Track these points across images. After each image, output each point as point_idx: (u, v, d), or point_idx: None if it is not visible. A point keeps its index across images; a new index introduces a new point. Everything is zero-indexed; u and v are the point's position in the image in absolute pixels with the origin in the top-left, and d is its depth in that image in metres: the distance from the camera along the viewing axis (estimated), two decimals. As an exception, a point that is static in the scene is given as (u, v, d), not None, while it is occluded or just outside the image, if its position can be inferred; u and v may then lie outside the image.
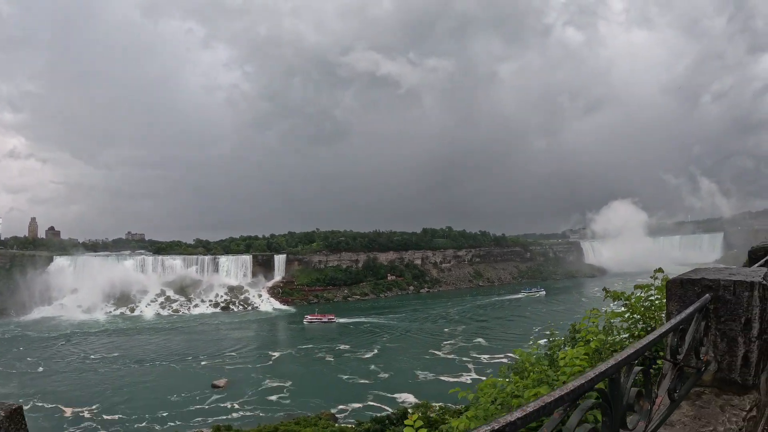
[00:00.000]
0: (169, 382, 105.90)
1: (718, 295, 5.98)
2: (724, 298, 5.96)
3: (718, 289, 5.98)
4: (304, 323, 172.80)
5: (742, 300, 5.89)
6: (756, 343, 5.98)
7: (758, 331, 5.99)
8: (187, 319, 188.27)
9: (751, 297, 5.90)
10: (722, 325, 6.03)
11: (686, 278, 6.16)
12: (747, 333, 5.96)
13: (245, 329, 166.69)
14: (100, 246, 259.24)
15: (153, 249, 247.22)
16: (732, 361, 6.07)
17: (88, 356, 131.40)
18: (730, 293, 5.94)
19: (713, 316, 6.03)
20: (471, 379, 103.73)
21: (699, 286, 6.04)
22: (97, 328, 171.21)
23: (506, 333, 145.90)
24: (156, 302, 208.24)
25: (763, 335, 6.12)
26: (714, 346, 6.13)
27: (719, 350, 6.10)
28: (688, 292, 6.06)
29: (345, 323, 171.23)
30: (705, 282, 6.04)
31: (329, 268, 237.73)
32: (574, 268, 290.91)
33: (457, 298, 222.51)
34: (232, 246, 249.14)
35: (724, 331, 6.07)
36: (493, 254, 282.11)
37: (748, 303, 5.88)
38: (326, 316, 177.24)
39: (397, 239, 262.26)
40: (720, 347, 6.08)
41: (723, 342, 6.06)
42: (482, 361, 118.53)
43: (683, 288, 6.13)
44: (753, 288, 5.91)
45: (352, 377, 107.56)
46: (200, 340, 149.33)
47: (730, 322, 6.00)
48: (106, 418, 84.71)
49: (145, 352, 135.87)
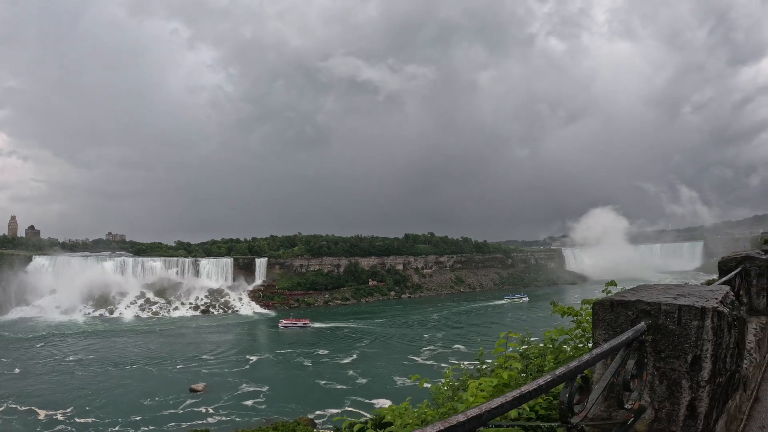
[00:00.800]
0: (145, 385, 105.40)
1: (657, 323, 4.65)
2: (666, 328, 4.63)
3: (657, 316, 4.66)
4: (279, 328, 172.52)
5: (690, 331, 4.54)
6: (706, 389, 4.53)
7: (710, 374, 4.56)
8: (166, 322, 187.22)
9: (701, 328, 4.53)
10: (662, 363, 4.64)
11: (618, 300, 4.87)
12: (694, 375, 4.54)
13: (224, 333, 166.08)
14: (80, 246, 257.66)
15: (133, 250, 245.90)
16: (673, 410, 4.60)
17: (65, 358, 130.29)
18: (673, 321, 4.61)
19: (650, 350, 4.65)
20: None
21: (634, 310, 4.75)
22: (75, 329, 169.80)
23: (486, 339, 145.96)
24: (135, 304, 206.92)
25: (717, 378, 4.75)
26: (651, 389, 4.68)
27: (657, 395, 4.66)
28: (619, 317, 4.82)
29: (324, 328, 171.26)
30: (641, 306, 4.73)
31: (310, 273, 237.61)
32: (555, 275, 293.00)
33: (438, 304, 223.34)
34: (213, 249, 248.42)
35: (664, 371, 4.64)
36: (474, 260, 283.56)
37: (697, 336, 4.51)
38: (301, 320, 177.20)
39: (379, 244, 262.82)
40: (658, 391, 4.65)
41: (662, 385, 4.64)
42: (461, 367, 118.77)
43: (614, 312, 4.86)
44: (704, 316, 4.55)
45: (329, 382, 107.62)
46: (178, 344, 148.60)
47: (673, 360, 4.61)
48: (79, 421, 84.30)
49: (122, 354, 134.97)
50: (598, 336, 4.93)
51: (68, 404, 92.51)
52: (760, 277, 12.66)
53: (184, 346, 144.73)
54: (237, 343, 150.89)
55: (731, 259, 12.40)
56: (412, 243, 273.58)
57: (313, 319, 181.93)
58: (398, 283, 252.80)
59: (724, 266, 12.19)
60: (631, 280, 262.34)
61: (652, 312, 4.72)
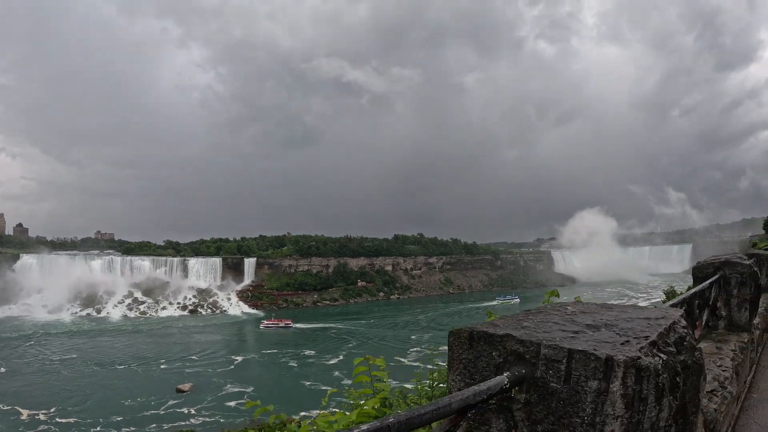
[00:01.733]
0: (131, 385, 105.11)
1: (534, 376, 2.83)
2: (546, 386, 2.79)
3: (535, 364, 2.84)
4: (261, 328, 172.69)
5: (583, 398, 2.67)
6: None
7: None
8: (153, 322, 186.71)
9: (602, 394, 2.64)
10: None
11: (480, 331, 3.05)
12: None
13: (211, 333, 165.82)
14: (69, 245, 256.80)
15: (122, 249, 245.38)
16: None
17: (50, 358, 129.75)
18: (558, 377, 2.76)
19: (521, 418, 2.87)
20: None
21: (501, 350, 2.96)
22: (62, 329, 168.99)
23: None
24: (123, 304, 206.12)
25: None
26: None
27: None
28: (480, 359, 3.02)
29: (311, 328, 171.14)
30: (511, 344, 2.94)
31: (299, 273, 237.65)
32: (544, 276, 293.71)
33: (427, 305, 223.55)
34: (202, 248, 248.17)
35: None
36: (463, 262, 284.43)
37: (594, 407, 2.63)
38: (283, 321, 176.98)
39: (368, 245, 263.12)
40: None
41: None
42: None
43: (473, 350, 3.06)
44: (610, 373, 2.65)
45: (315, 383, 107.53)
46: (165, 344, 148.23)
47: None
48: (61, 421, 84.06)
49: (109, 354, 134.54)
50: (453, 383, 3.13)
51: (52, 404, 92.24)
52: (741, 286, 10.68)
53: (171, 346, 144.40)
54: (224, 343, 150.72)
55: (708, 265, 10.68)
56: (401, 244, 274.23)
57: (301, 320, 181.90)
58: (387, 284, 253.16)
59: (700, 273, 10.55)
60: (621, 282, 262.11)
61: (527, 356, 2.86)
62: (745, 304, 10.72)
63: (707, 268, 10.68)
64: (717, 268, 10.67)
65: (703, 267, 10.76)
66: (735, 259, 10.88)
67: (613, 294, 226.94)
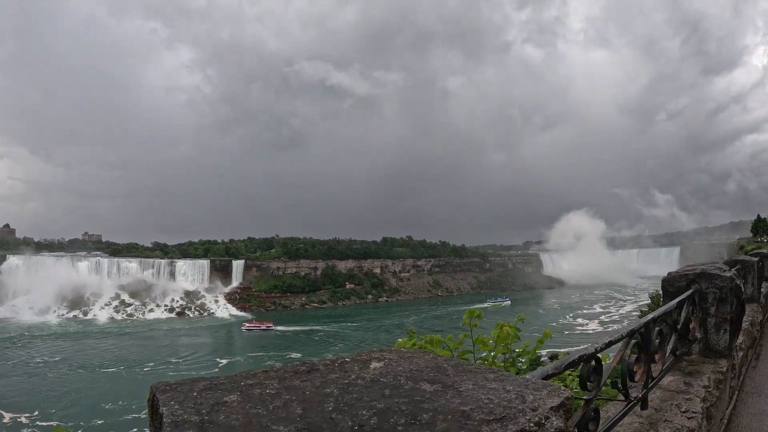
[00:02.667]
0: (114, 388, 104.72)
1: None
2: None
3: None
4: (243, 331, 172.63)
5: None
6: None
7: None
8: (141, 324, 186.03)
9: None
10: None
11: None
12: None
13: (198, 336, 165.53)
14: (56, 246, 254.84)
15: (109, 251, 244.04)
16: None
17: (35, 360, 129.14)
18: None
19: None
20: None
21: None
22: (47, 331, 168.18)
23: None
24: (110, 306, 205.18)
25: None
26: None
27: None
28: None
29: (298, 331, 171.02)
30: None
31: (287, 275, 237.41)
32: (532, 279, 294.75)
33: (415, 307, 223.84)
34: (190, 250, 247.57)
35: None
36: (452, 264, 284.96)
37: None
38: (264, 324, 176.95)
39: (357, 247, 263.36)
40: None
41: None
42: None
43: None
44: None
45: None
46: (151, 346, 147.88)
47: None
48: (42, 424, 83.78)
49: (94, 357, 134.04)
50: None
51: (34, 407, 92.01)
52: (720, 303, 8.85)
53: (157, 349, 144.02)
54: (210, 345, 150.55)
55: (680, 277, 8.96)
56: (390, 246, 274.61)
57: (288, 323, 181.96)
58: (376, 286, 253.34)
59: (670, 286, 8.95)
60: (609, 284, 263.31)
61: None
62: (725, 325, 8.86)
63: (679, 281, 8.90)
64: (691, 281, 8.84)
65: (674, 280, 9.01)
66: (713, 270, 8.95)
67: (601, 296, 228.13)
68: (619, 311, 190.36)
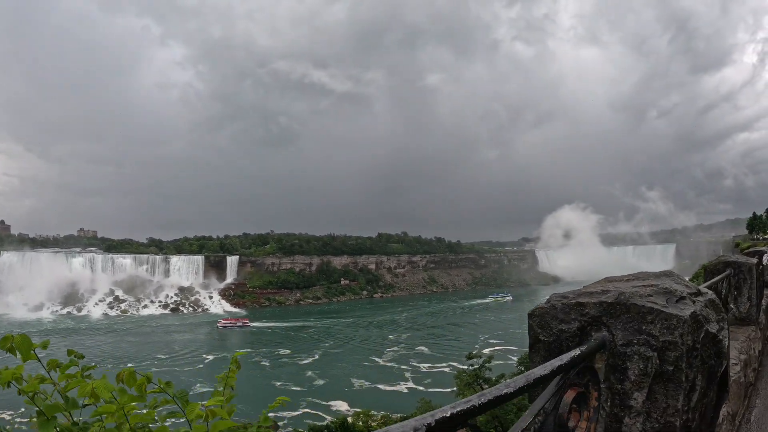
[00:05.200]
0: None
1: None
2: None
3: None
4: (218, 327, 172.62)
5: None
6: None
7: None
8: (134, 320, 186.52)
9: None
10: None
11: None
12: None
13: (189, 332, 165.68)
14: (51, 242, 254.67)
15: (104, 247, 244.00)
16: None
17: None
18: None
19: None
20: (407, 388, 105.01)
21: None
22: (41, 327, 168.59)
23: (450, 341, 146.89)
24: (104, 302, 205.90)
25: None
26: None
27: None
28: None
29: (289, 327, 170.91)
30: None
31: (282, 271, 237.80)
32: (528, 275, 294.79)
33: (410, 303, 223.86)
34: (185, 246, 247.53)
35: None
36: (447, 260, 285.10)
37: None
38: (240, 320, 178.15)
39: (352, 243, 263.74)
40: None
41: None
42: (421, 370, 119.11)
43: None
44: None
45: (286, 384, 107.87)
46: (144, 342, 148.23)
47: None
48: (24, 420, 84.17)
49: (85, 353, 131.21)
50: None
51: (19, 405, 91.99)
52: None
53: (150, 345, 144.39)
54: (200, 342, 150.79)
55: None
56: (385, 242, 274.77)
57: (282, 318, 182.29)
58: (371, 282, 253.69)
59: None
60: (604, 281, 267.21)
61: None
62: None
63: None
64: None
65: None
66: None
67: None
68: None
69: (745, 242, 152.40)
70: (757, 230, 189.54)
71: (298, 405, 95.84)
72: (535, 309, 3.91)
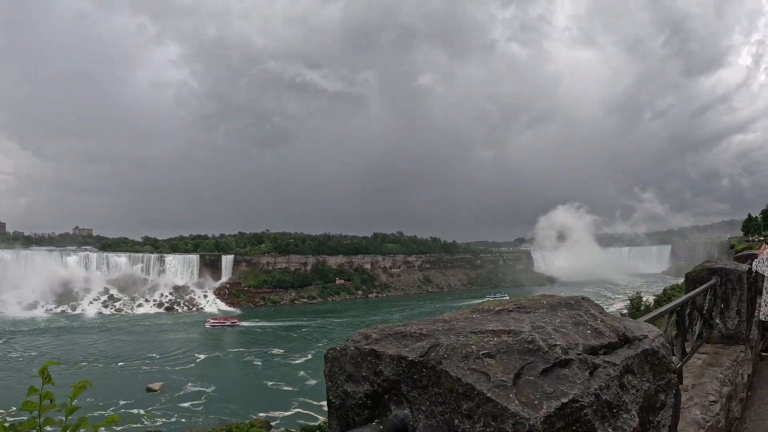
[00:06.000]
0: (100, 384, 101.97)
1: None
2: None
3: None
4: (206, 327, 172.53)
5: None
6: None
7: None
8: (128, 319, 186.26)
9: None
10: None
11: None
12: None
13: (183, 331, 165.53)
14: (46, 240, 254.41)
15: (99, 245, 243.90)
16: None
17: (19, 356, 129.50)
18: None
19: None
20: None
21: None
22: (35, 326, 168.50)
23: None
24: (99, 301, 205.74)
25: None
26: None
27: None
28: None
29: (283, 327, 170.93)
30: None
31: (277, 271, 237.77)
32: (523, 276, 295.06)
33: (404, 303, 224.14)
34: (180, 245, 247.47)
35: None
36: (443, 261, 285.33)
37: None
38: (229, 319, 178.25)
39: (347, 243, 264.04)
40: None
41: None
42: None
43: None
44: None
45: (278, 383, 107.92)
46: (139, 341, 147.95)
47: None
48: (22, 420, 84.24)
49: (80, 352, 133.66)
50: None
51: (13, 404, 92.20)
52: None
53: (144, 344, 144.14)
54: (193, 341, 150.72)
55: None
56: (380, 242, 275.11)
57: (276, 318, 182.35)
58: (366, 282, 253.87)
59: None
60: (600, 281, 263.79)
61: None
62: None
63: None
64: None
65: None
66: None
67: (591, 294, 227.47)
68: (608, 309, 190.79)
69: (740, 244, 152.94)
70: (752, 232, 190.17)
71: (290, 405, 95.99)
72: (329, 350, 2.58)
